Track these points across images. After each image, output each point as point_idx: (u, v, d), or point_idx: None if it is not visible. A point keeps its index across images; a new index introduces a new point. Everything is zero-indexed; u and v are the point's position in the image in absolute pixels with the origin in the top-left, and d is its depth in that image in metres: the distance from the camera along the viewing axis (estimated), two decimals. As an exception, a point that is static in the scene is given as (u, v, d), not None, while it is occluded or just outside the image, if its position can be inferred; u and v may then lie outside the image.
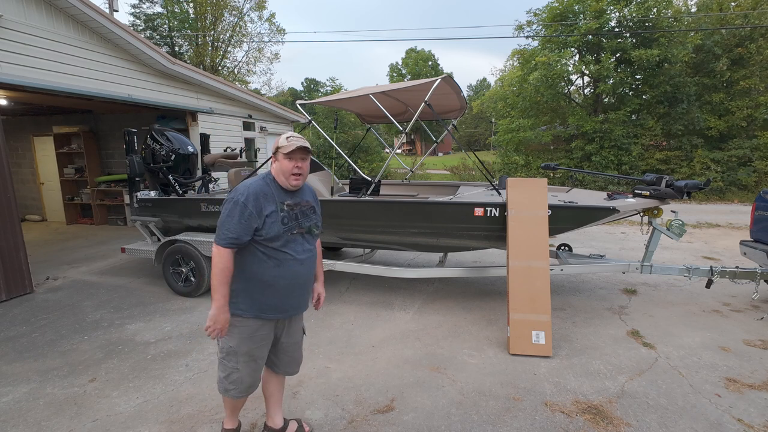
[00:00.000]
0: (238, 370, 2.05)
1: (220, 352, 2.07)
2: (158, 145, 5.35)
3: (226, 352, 2.04)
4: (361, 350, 3.49)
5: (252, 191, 1.95)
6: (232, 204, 1.93)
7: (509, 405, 2.71)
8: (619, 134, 13.87)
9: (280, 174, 2.02)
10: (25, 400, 2.85)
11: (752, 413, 2.59)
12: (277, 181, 2.04)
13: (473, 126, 53.65)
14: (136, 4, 24.21)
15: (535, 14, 15.76)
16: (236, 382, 2.07)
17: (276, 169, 2.04)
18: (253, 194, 1.94)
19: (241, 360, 2.04)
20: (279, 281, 2.01)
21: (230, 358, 2.04)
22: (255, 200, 1.93)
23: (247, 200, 1.92)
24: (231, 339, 2.02)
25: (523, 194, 3.60)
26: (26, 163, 10.22)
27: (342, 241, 4.77)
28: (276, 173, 2.04)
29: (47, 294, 5.02)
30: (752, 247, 4.34)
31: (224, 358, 2.06)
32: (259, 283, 2.00)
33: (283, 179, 2.02)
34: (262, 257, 1.98)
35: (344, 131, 17.83)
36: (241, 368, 2.05)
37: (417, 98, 4.78)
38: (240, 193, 1.94)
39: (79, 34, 5.82)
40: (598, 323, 3.95)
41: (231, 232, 1.90)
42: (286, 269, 2.01)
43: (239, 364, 2.04)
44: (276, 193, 2.01)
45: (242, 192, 1.95)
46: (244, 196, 1.92)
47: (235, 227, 1.90)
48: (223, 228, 1.92)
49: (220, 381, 2.10)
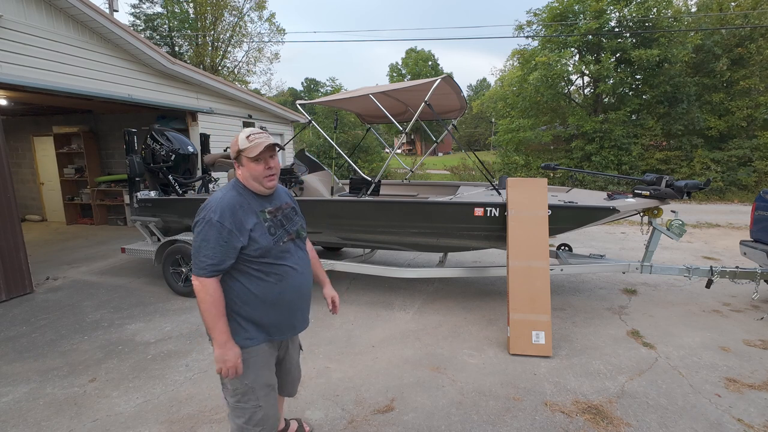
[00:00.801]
0: (260, 407, 1.76)
1: (232, 396, 1.75)
2: (158, 145, 5.35)
3: (242, 392, 1.74)
4: (361, 350, 3.49)
5: (226, 205, 1.66)
6: (204, 225, 1.63)
7: (509, 405, 2.71)
8: (619, 134, 13.87)
9: (250, 180, 1.75)
10: (25, 400, 2.85)
11: (752, 413, 2.59)
12: (248, 188, 1.77)
13: (473, 126, 53.65)
14: (136, 4, 24.24)
15: (535, 14, 15.76)
16: (262, 421, 1.77)
17: (244, 175, 1.75)
18: (228, 208, 1.65)
19: (260, 395, 1.76)
20: (284, 297, 1.79)
21: (248, 397, 1.74)
22: (232, 215, 1.65)
23: (223, 217, 1.63)
24: (245, 375, 1.72)
25: (523, 194, 3.60)
26: (26, 163, 10.22)
27: (342, 241, 4.77)
28: (245, 179, 1.76)
29: (47, 294, 5.02)
30: (752, 247, 4.34)
31: (240, 401, 1.75)
32: (264, 305, 1.76)
33: (255, 185, 1.76)
34: (260, 276, 1.73)
35: (344, 131, 17.82)
36: (263, 403, 1.77)
37: (417, 98, 4.78)
38: (211, 210, 1.64)
39: (79, 34, 5.82)
40: (598, 323, 3.95)
41: (210, 259, 1.62)
42: (288, 283, 1.79)
43: (260, 400, 1.76)
44: (253, 202, 1.75)
45: (214, 208, 1.64)
46: (218, 214, 1.63)
47: (213, 252, 1.62)
48: (200, 255, 1.63)
49: (240, 429, 1.76)
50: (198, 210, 1.70)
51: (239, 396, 1.75)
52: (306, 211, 4.46)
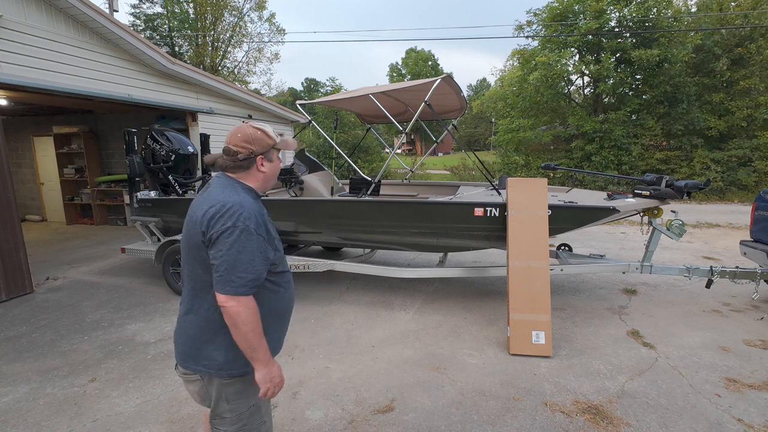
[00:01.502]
0: (264, 423, 1.69)
1: (233, 425, 1.60)
2: (158, 145, 5.35)
3: (249, 414, 1.61)
4: (361, 350, 3.49)
5: (255, 211, 1.49)
6: (240, 234, 1.42)
7: (509, 405, 2.71)
8: (619, 134, 13.87)
9: (272, 179, 1.63)
10: (25, 400, 2.85)
11: (752, 413, 2.59)
12: (257, 190, 1.61)
13: (473, 126, 53.65)
14: (136, 4, 24.25)
15: (535, 14, 15.76)
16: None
17: (269, 174, 1.61)
18: (258, 215, 1.50)
19: (263, 411, 1.69)
20: (289, 306, 1.69)
21: (254, 417, 1.63)
22: (264, 223, 1.52)
23: (258, 226, 1.47)
24: (250, 398, 1.61)
25: (523, 194, 3.60)
26: (26, 163, 10.22)
27: (342, 241, 4.76)
28: (265, 180, 1.61)
29: (47, 294, 5.02)
30: (752, 247, 4.34)
31: (246, 424, 1.61)
32: (276, 318, 1.62)
33: (271, 183, 1.65)
34: (275, 288, 1.59)
35: (344, 131, 17.82)
36: (267, 418, 1.71)
37: (417, 98, 4.78)
38: (246, 217, 1.44)
39: (79, 34, 5.82)
40: (598, 323, 3.95)
41: (250, 274, 1.42)
42: (291, 291, 1.69)
43: (264, 416, 1.68)
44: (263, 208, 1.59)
45: (247, 215, 1.44)
46: (253, 221, 1.46)
47: (252, 266, 1.44)
48: (239, 271, 1.40)
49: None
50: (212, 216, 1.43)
51: (245, 420, 1.61)
52: (306, 211, 4.50)
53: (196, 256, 1.50)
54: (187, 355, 1.57)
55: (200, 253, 1.48)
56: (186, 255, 1.56)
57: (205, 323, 1.53)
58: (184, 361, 1.58)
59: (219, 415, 1.60)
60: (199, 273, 1.51)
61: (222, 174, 1.59)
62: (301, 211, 4.50)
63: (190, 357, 1.56)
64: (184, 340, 1.58)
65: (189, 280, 1.58)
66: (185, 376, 1.63)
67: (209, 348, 1.53)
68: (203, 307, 1.53)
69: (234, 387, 1.58)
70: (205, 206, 1.47)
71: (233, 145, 1.54)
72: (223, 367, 1.53)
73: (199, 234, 1.46)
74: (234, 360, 1.52)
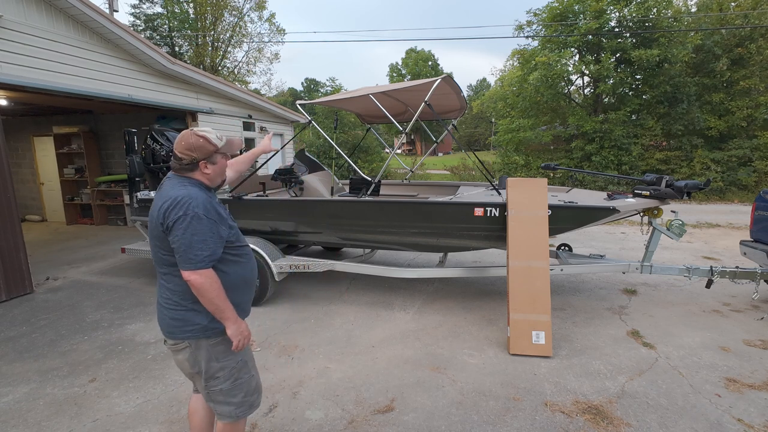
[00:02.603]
0: (253, 376, 1.94)
1: (226, 380, 1.83)
2: (158, 145, 5.35)
3: (238, 369, 1.86)
4: (361, 350, 3.49)
5: (202, 200, 1.72)
6: (190, 220, 1.65)
7: (509, 405, 2.71)
8: (619, 134, 13.86)
9: (219, 176, 1.85)
10: (25, 400, 2.85)
11: (752, 413, 2.59)
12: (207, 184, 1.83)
13: (473, 126, 53.64)
14: (136, 4, 24.25)
15: (535, 14, 15.75)
16: (257, 388, 1.96)
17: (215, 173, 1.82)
18: (206, 202, 1.72)
19: (251, 365, 1.95)
20: (252, 275, 1.95)
21: (244, 371, 1.88)
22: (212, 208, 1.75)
23: (207, 211, 1.70)
24: (237, 354, 1.86)
25: (523, 194, 3.60)
26: (26, 163, 10.22)
27: (342, 241, 4.77)
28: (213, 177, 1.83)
29: (47, 294, 5.02)
30: (752, 247, 4.34)
31: (237, 378, 1.86)
32: (242, 286, 1.88)
33: (219, 179, 1.87)
34: (236, 259, 1.85)
35: (344, 131, 17.82)
36: (254, 372, 1.97)
37: (417, 98, 4.78)
38: (194, 206, 1.67)
39: (79, 34, 5.82)
40: (598, 323, 3.95)
41: (204, 251, 1.67)
42: (252, 261, 1.96)
43: (252, 370, 1.94)
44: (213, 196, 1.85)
45: (194, 204, 1.68)
46: (202, 208, 1.69)
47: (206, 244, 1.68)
48: (194, 250, 1.65)
49: (239, 405, 1.87)
50: (166, 210, 1.67)
51: (236, 374, 1.85)
52: (306, 211, 4.50)
53: (159, 244, 1.74)
54: (173, 327, 1.78)
55: (162, 242, 1.72)
56: (152, 245, 1.79)
57: (185, 293, 1.74)
58: (171, 333, 1.79)
59: (212, 376, 1.82)
60: (165, 257, 1.75)
61: (172, 174, 1.82)
62: (301, 211, 4.50)
63: (176, 328, 1.77)
64: (164, 315, 1.80)
65: (158, 264, 1.81)
66: (174, 347, 1.82)
67: (192, 315, 1.76)
68: (174, 283, 1.76)
69: (221, 346, 1.81)
70: (160, 202, 1.72)
71: (178, 152, 1.77)
72: (208, 327, 1.77)
73: (158, 226, 1.70)
74: (212, 324, 1.77)
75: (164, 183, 1.82)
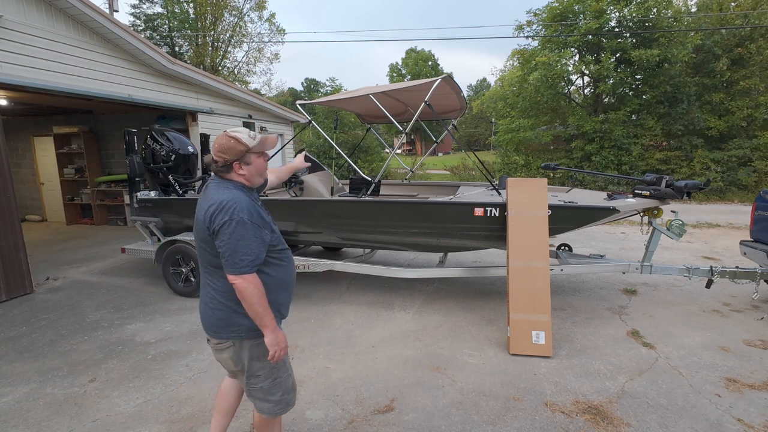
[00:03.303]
0: (290, 375, 1.99)
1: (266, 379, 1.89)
2: (158, 145, 5.35)
3: (279, 368, 1.91)
4: (361, 350, 3.49)
5: (247, 204, 1.75)
6: (236, 225, 1.68)
7: (509, 405, 2.71)
8: (619, 134, 13.86)
9: (256, 176, 1.86)
10: (25, 400, 2.85)
11: (752, 413, 2.59)
12: (247, 185, 1.86)
13: (473, 126, 53.64)
14: (136, 4, 24.25)
15: (535, 14, 15.75)
16: (293, 386, 2.01)
17: (251, 173, 1.84)
18: (250, 207, 1.76)
19: (288, 364, 1.99)
20: (291, 277, 2.00)
21: (282, 371, 1.93)
22: (256, 213, 1.78)
23: (251, 215, 1.73)
24: None
25: (523, 194, 3.60)
26: (26, 163, 10.22)
27: (342, 241, 4.77)
28: (251, 177, 1.85)
29: (47, 294, 5.02)
30: (752, 247, 4.34)
31: (276, 378, 1.91)
32: (285, 286, 1.93)
33: (259, 179, 1.88)
34: (278, 262, 1.88)
35: (344, 131, 17.81)
36: (291, 371, 2.01)
37: (417, 98, 4.78)
38: (237, 210, 1.70)
39: (79, 34, 5.82)
40: (598, 323, 3.95)
41: (249, 255, 1.70)
42: (292, 264, 2.01)
43: (289, 369, 2.00)
44: (255, 198, 1.88)
45: (239, 209, 1.71)
46: (246, 212, 1.71)
47: (250, 249, 1.71)
48: (239, 254, 1.68)
49: (277, 403, 1.92)
50: (212, 215, 1.70)
51: (275, 373, 1.90)
52: (306, 211, 4.50)
53: (204, 246, 1.79)
54: (218, 327, 1.84)
55: (208, 244, 1.76)
56: (199, 247, 1.84)
57: (227, 297, 1.79)
58: (216, 333, 1.86)
59: (254, 374, 1.88)
60: (211, 258, 1.79)
61: (215, 176, 1.87)
62: (301, 211, 4.50)
63: (221, 328, 1.83)
64: (209, 314, 1.85)
65: (204, 264, 1.85)
66: (217, 346, 1.89)
67: (235, 316, 1.80)
68: (220, 282, 1.80)
69: (262, 347, 1.83)
70: (206, 206, 1.75)
71: (213, 155, 1.82)
72: (251, 328, 1.80)
73: (204, 230, 1.74)
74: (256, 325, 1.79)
75: (209, 185, 1.86)
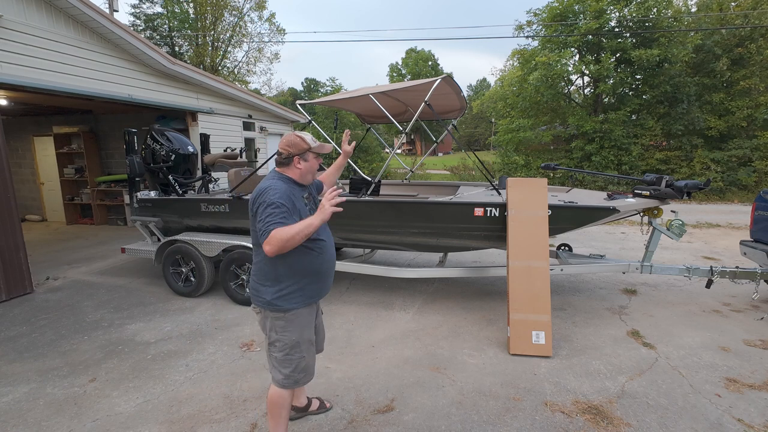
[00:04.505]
0: (304, 358, 2.16)
1: (281, 350, 2.11)
2: (158, 145, 5.35)
3: (290, 346, 2.11)
4: (361, 350, 3.49)
5: (281, 190, 2.01)
6: (267, 206, 1.94)
7: (509, 405, 2.71)
8: (619, 134, 13.86)
9: (308, 173, 2.15)
10: (25, 400, 2.85)
11: (752, 413, 2.59)
12: (294, 179, 2.14)
13: (473, 126, 53.64)
14: (136, 4, 24.23)
15: (535, 14, 15.75)
16: (305, 369, 2.18)
17: (304, 169, 2.13)
18: (284, 193, 2.01)
19: (304, 348, 2.15)
20: (324, 267, 2.16)
21: (295, 350, 2.12)
22: (288, 199, 2.01)
23: (282, 198, 1.98)
24: (293, 332, 2.10)
25: (523, 194, 3.60)
26: (26, 163, 10.22)
27: (342, 241, 4.76)
28: (302, 173, 2.14)
29: (47, 294, 5.02)
30: (752, 247, 4.34)
31: (288, 353, 2.11)
32: (311, 275, 2.11)
33: (309, 177, 2.18)
34: (306, 251, 2.07)
35: (344, 131, 17.81)
36: (307, 355, 2.17)
37: (417, 98, 4.77)
38: (274, 195, 1.96)
39: (79, 34, 5.82)
40: (598, 323, 3.95)
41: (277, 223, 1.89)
42: (327, 255, 2.18)
43: (304, 352, 2.15)
44: (296, 190, 2.13)
45: (276, 194, 1.97)
46: (279, 197, 1.97)
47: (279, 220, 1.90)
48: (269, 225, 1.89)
49: (287, 377, 2.13)
50: (254, 198, 2.02)
51: (287, 350, 2.11)
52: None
53: (252, 225, 2.07)
54: (252, 295, 2.15)
55: (253, 224, 2.04)
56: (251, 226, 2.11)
57: (260, 271, 2.11)
58: (251, 299, 2.17)
59: (272, 343, 2.15)
60: (255, 237, 2.07)
61: (272, 169, 2.23)
62: None
63: (254, 296, 2.14)
64: (251, 284, 2.17)
65: (253, 242, 2.15)
66: (254, 309, 2.19)
67: (262, 289, 2.10)
68: (258, 259, 2.12)
69: (279, 322, 2.10)
70: (254, 192, 2.08)
71: (280, 148, 2.14)
72: (270, 303, 2.08)
73: (250, 210, 2.06)
74: (275, 301, 2.07)
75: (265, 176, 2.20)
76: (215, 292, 4.85)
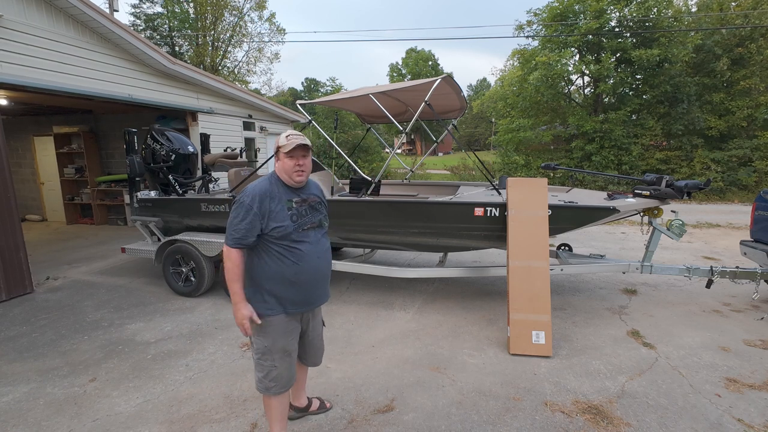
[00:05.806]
0: (276, 368, 2.10)
1: (255, 353, 2.11)
2: (158, 145, 5.35)
3: (262, 352, 2.09)
4: (361, 350, 3.49)
5: (258, 192, 2.01)
6: (238, 205, 2.01)
7: (509, 405, 2.71)
8: (619, 134, 13.86)
9: (284, 173, 2.08)
10: (25, 400, 2.85)
11: (752, 413, 2.59)
12: (281, 180, 2.10)
13: (473, 126, 53.64)
14: (136, 4, 24.27)
15: (535, 14, 15.76)
16: (276, 378, 2.11)
17: (279, 169, 2.10)
18: (258, 195, 2.00)
19: (276, 357, 2.09)
20: (301, 277, 2.07)
21: (266, 357, 2.09)
22: (260, 202, 1.99)
23: (253, 201, 1.98)
24: (265, 338, 2.08)
25: (523, 194, 3.60)
26: (26, 163, 10.22)
27: (342, 241, 4.76)
28: (279, 172, 2.10)
29: (47, 294, 5.02)
30: (752, 247, 4.34)
31: (260, 358, 2.10)
32: (283, 281, 2.05)
33: (286, 177, 2.08)
34: (279, 256, 2.04)
35: (344, 131, 17.82)
36: (279, 365, 2.10)
37: (417, 98, 4.77)
38: (246, 195, 2.01)
39: (80, 34, 5.82)
40: (598, 323, 3.95)
41: (237, 233, 1.98)
42: (306, 264, 2.07)
43: (276, 361, 2.09)
44: (282, 193, 2.07)
45: (248, 194, 2.01)
46: (250, 198, 1.99)
47: (239, 228, 1.98)
48: (231, 229, 2.00)
49: (259, 381, 2.13)
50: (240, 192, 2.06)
51: (260, 354, 2.10)
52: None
53: None
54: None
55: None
56: None
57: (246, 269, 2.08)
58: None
59: (251, 341, 2.14)
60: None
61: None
62: None
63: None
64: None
65: None
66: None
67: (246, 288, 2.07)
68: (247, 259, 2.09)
69: (255, 324, 2.05)
70: None
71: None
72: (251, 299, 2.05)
73: None
74: (251, 302, 2.04)
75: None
76: (215, 292, 4.85)
